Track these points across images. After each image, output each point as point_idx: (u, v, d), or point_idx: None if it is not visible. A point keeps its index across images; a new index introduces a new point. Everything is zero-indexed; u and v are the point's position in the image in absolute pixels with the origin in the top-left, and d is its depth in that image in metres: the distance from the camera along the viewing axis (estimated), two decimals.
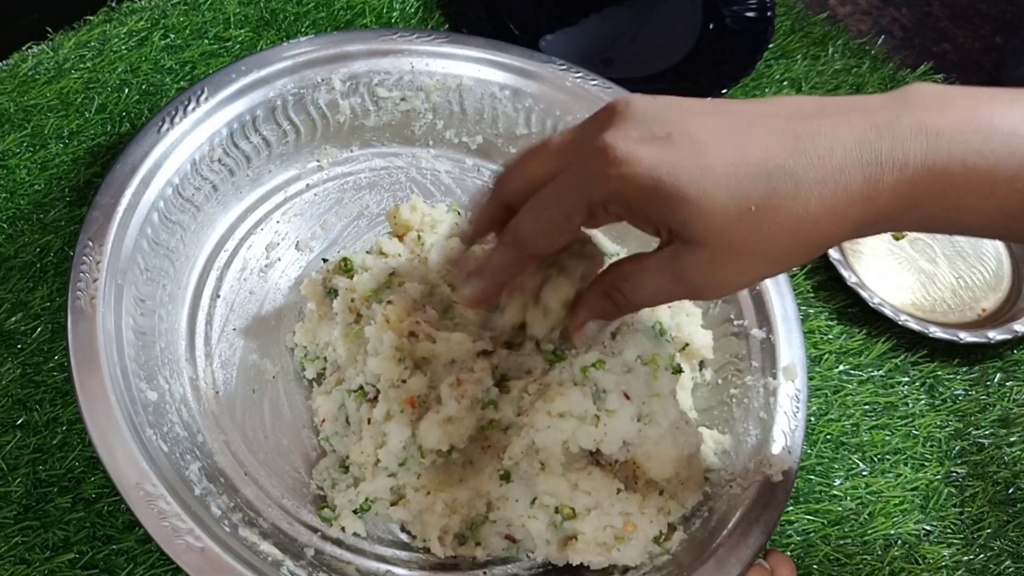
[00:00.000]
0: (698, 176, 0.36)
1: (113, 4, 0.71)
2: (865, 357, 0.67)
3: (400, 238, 0.58)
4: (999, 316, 0.71)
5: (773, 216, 0.36)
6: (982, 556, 0.60)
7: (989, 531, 0.61)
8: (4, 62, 0.67)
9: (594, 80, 0.66)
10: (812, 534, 0.59)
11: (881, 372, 0.67)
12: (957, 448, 0.64)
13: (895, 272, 0.72)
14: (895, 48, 0.87)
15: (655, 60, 0.79)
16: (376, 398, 0.50)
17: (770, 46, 0.78)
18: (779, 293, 0.60)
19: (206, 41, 0.71)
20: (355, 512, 0.51)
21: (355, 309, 0.53)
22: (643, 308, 0.46)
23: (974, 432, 0.65)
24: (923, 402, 0.66)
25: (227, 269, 0.60)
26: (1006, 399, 0.67)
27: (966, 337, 0.67)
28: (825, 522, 0.59)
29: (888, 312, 0.67)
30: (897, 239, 0.73)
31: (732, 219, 0.36)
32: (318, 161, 0.66)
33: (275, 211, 0.63)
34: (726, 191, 0.36)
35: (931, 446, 0.64)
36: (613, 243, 0.62)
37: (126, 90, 0.67)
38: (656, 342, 0.52)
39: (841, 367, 0.66)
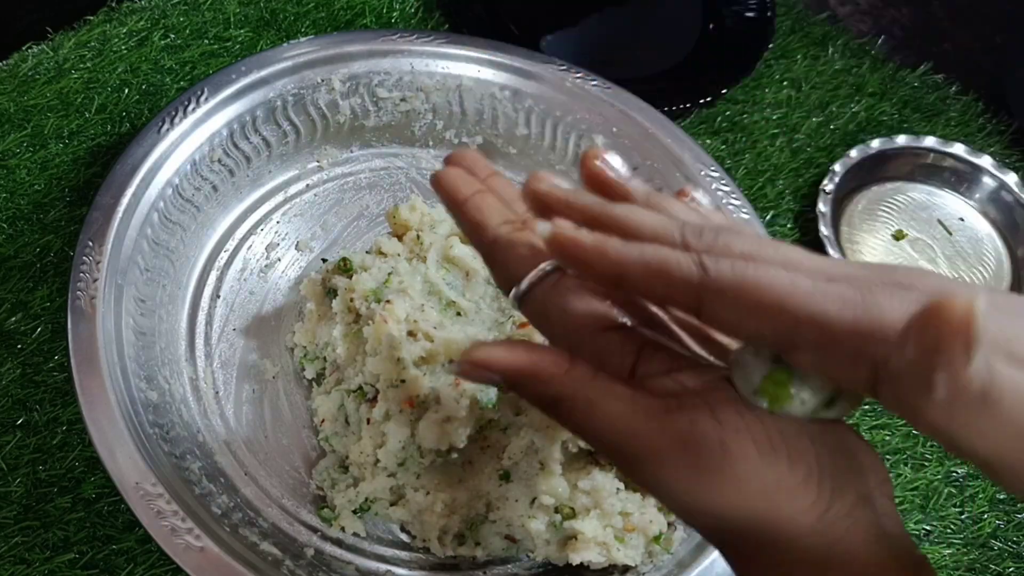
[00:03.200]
0: None
1: (113, 4, 0.71)
2: None
3: (400, 238, 0.58)
4: None
5: None
6: (982, 556, 0.60)
7: (989, 531, 0.61)
8: (4, 62, 0.67)
9: (594, 80, 0.66)
10: None
11: None
12: None
13: None
14: (895, 48, 0.87)
15: (655, 60, 0.79)
16: (375, 398, 0.50)
17: (770, 46, 0.78)
18: None
19: (206, 41, 0.71)
20: (355, 512, 0.51)
21: (354, 309, 0.53)
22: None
23: None
24: None
25: (227, 269, 0.60)
26: None
27: None
28: None
29: None
30: (898, 239, 0.73)
31: None
32: (318, 161, 0.66)
33: (275, 211, 0.63)
34: None
35: (931, 446, 0.64)
36: None
37: (126, 90, 0.67)
38: None
39: None
